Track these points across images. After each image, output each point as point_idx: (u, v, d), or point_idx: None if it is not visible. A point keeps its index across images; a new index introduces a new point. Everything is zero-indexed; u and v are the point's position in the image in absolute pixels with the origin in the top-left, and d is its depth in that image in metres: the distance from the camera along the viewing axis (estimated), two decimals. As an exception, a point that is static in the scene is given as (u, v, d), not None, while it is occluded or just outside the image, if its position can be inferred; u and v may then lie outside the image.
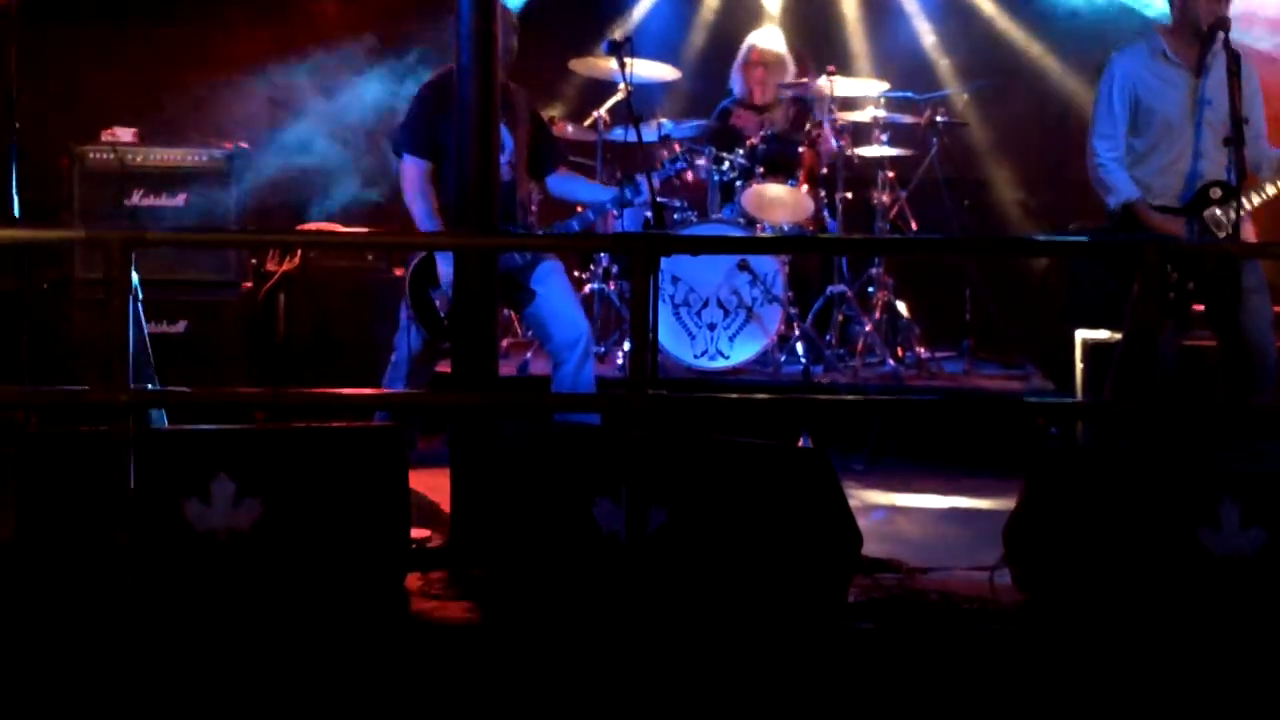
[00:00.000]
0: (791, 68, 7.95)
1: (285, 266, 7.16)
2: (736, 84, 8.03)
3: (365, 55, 8.00)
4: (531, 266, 5.79)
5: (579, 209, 6.41)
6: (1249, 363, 5.40)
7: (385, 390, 5.80)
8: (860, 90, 7.74)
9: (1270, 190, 5.50)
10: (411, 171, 5.74)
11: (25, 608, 3.84)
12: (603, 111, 7.64)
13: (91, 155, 6.92)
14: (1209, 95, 5.49)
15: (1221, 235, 5.41)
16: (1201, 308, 5.57)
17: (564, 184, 6.22)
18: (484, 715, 3.78)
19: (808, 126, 7.69)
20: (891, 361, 7.33)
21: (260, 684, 3.77)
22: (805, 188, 7.39)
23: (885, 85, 7.74)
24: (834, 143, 7.47)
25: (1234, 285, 5.34)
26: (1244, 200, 5.36)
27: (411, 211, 5.74)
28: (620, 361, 7.11)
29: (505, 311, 7.40)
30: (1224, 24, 5.36)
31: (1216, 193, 5.45)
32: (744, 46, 8.03)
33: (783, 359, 7.20)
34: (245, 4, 8.14)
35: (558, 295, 5.82)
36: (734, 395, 6.09)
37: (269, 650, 3.84)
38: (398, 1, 7.95)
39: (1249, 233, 5.49)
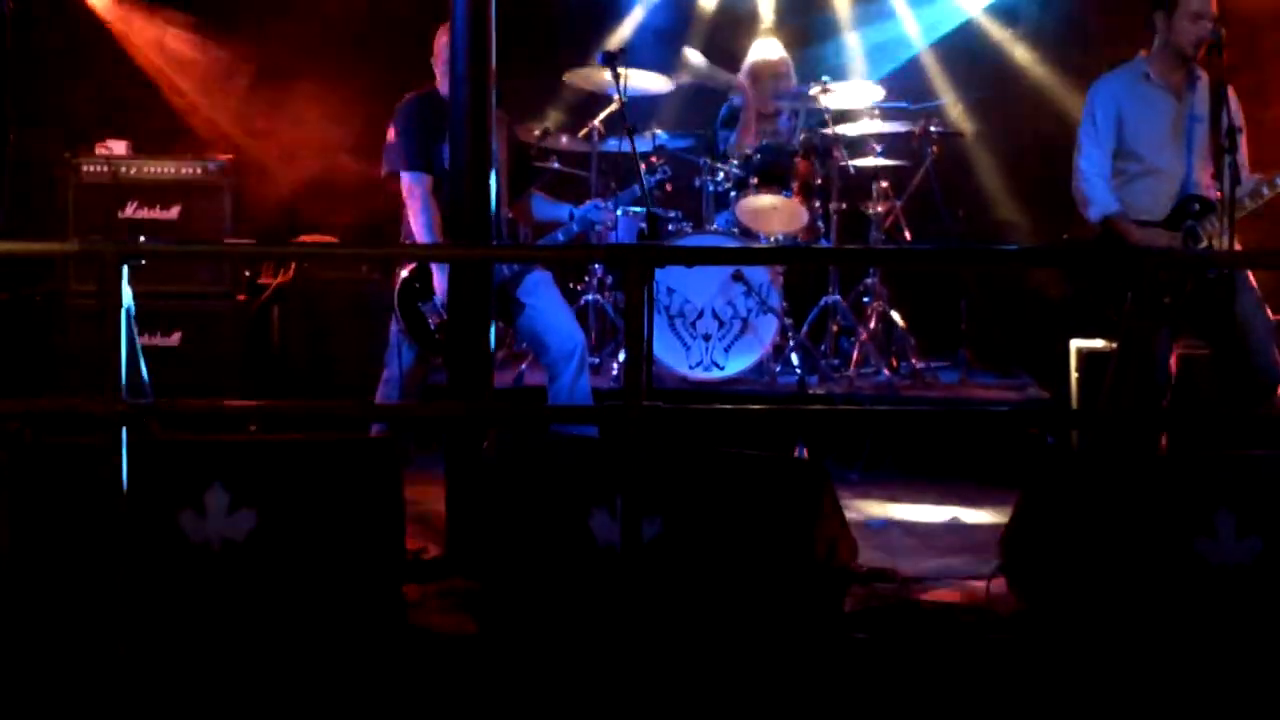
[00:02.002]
0: (793, 75, 7.97)
1: (280, 279, 7.16)
2: (738, 97, 8.04)
3: (362, 67, 8.02)
4: (519, 278, 5.77)
5: (564, 224, 6.42)
6: (1257, 384, 5.41)
7: (380, 402, 5.78)
8: (854, 101, 7.75)
9: (1249, 204, 5.46)
10: (415, 188, 5.70)
11: (20, 617, 3.83)
12: (597, 123, 7.65)
13: (85, 167, 6.92)
14: (1196, 112, 5.52)
15: (1200, 248, 5.43)
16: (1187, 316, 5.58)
17: (529, 204, 6.20)
18: (480, 727, 3.78)
19: (802, 136, 7.70)
20: (887, 372, 7.33)
21: (255, 694, 3.76)
22: (800, 198, 7.39)
23: (880, 95, 7.75)
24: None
25: (1226, 294, 5.34)
26: (1222, 213, 5.36)
27: (414, 226, 5.70)
28: (615, 373, 7.11)
29: (499, 324, 7.39)
30: (1204, 41, 5.39)
31: (1195, 206, 5.47)
32: (746, 62, 8.05)
33: (778, 369, 7.20)
34: (244, 14, 8.15)
35: (550, 306, 5.81)
36: (729, 406, 6.12)
37: (264, 661, 3.83)
38: (395, 14, 7.95)
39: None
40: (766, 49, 8.07)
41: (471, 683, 3.90)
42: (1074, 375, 6.57)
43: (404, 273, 5.75)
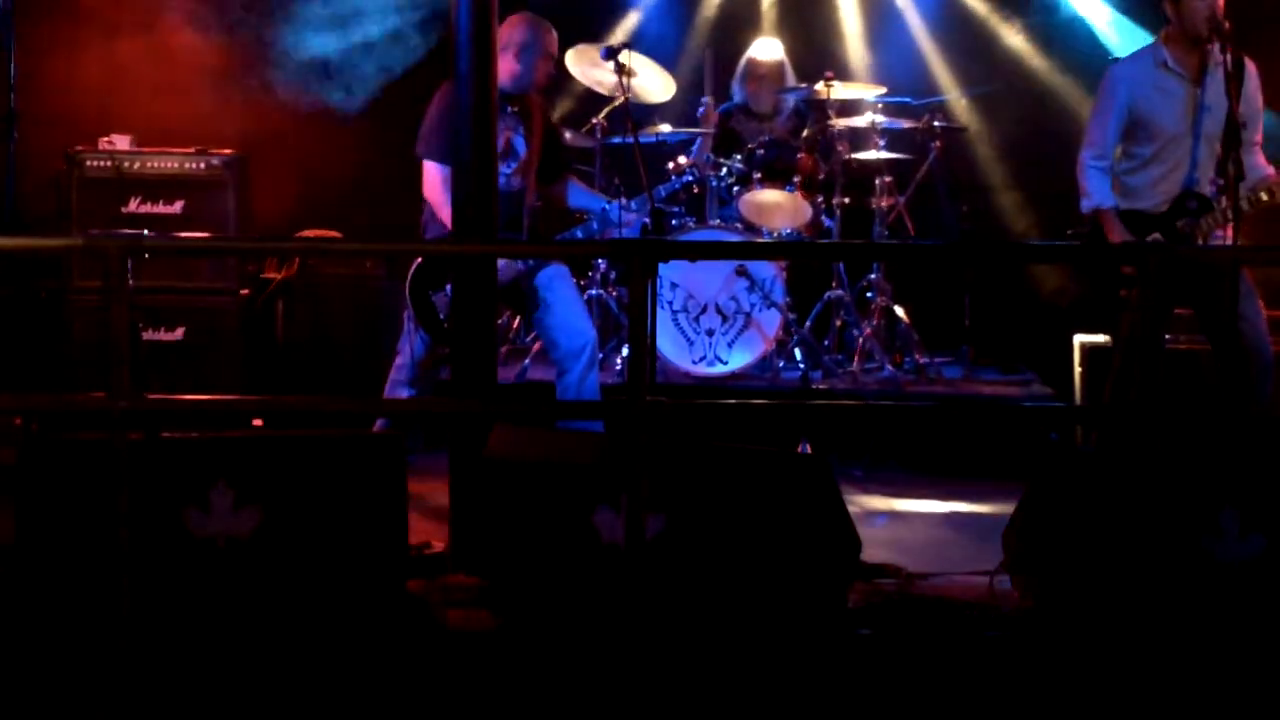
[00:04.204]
0: (791, 76, 7.96)
1: (284, 274, 7.16)
2: (738, 94, 8.04)
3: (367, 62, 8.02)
4: (535, 271, 5.78)
5: (582, 217, 6.42)
6: (1246, 369, 5.38)
7: (387, 396, 5.80)
8: (858, 95, 7.75)
9: (1245, 206, 5.40)
10: (434, 177, 5.72)
11: (25, 614, 3.84)
12: (601, 118, 7.64)
13: (89, 162, 6.92)
14: (1209, 102, 5.44)
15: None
16: (1189, 312, 5.57)
17: (564, 190, 6.23)
18: (483, 722, 3.78)
19: (806, 132, 7.70)
20: (890, 367, 7.32)
21: (260, 690, 3.76)
22: (803, 193, 7.39)
23: (883, 90, 7.75)
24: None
25: (1229, 289, 5.32)
26: (1223, 210, 5.33)
27: (439, 215, 5.72)
28: (619, 368, 7.11)
29: (503, 318, 7.40)
30: (1220, 26, 5.34)
31: (1192, 204, 5.43)
32: (743, 60, 8.03)
33: (781, 365, 7.20)
34: (244, 10, 8.14)
35: (564, 302, 5.81)
36: (732, 401, 6.12)
37: (269, 657, 3.84)
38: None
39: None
40: (763, 49, 8.05)
41: (474, 678, 3.90)
42: (1078, 370, 6.57)
43: (417, 261, 5.76)
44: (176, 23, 8.04)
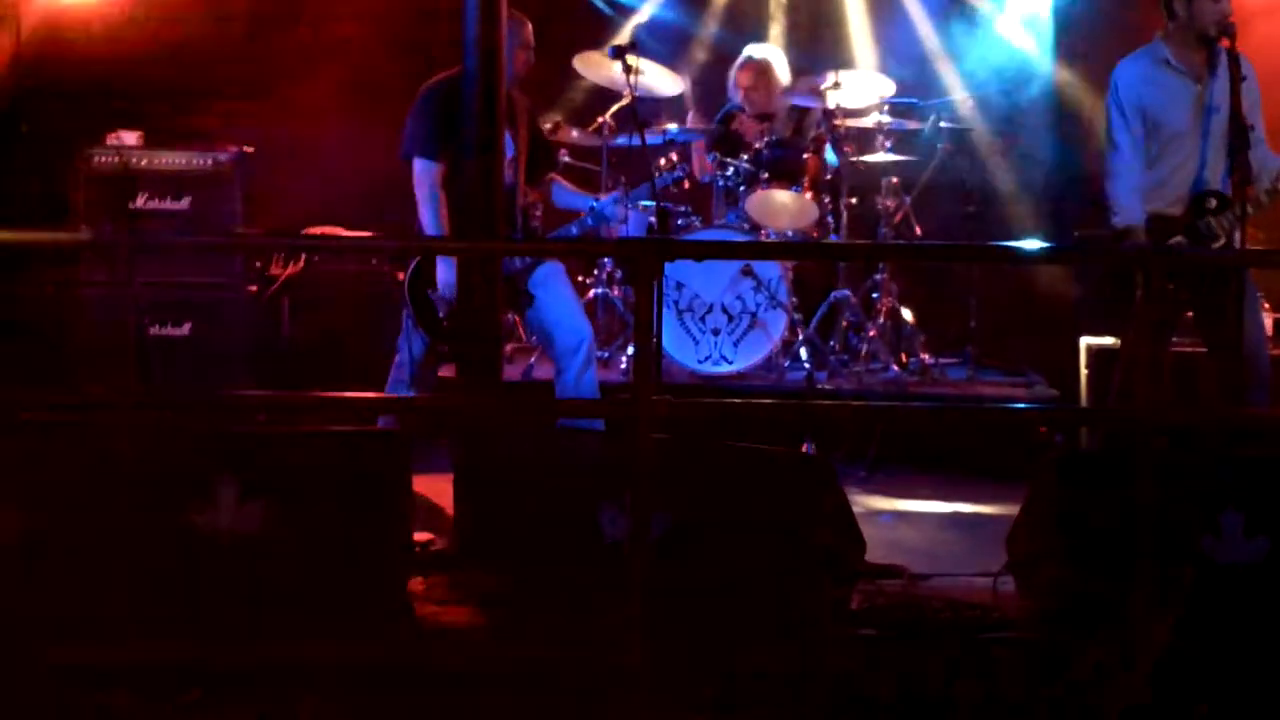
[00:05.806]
0: (785, 76, 7.92)
1: (290, 270, 7.17)
2: (734, 94, 8.04)
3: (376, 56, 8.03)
4: (530, 269, 5.78)
5: (581, 214, 6.42)
6: (1243, 373, 5.37)
7: (389, 395, 5.80)
8: (864, 97, 7.74)
9: (1265, 200, 5.40)
10: (423, 175, 5.70)
11: (28, 608, 3.85)
12: (607, 117, 7.64)
13: (97, 158, 6.93)
14: (1215, 102, 5.41)
15: (1216, 245, 5.38)
16: (1190, 314, 5.56)
17: (549, 191, 6.22)
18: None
19: (811, 133, 7.70)
20: (895, 368, 7.32)
21: (263, 685, 3.77)
22: (809, 194, 7.39)
23: (890, 91, 7.74)
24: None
25: (1235, 293, 5.31)
26: (1239, 209, 5.32)
27: (420, 214, 5.72)
28: (624, 366, 7.11)
29: (510, 316, 7.40)
30: (1228, 27, 5.32)
31: (1212, 203, 5.38)
32: (739, 58, 8.03)
33: (786, 365, 7.20)
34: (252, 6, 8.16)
35: (559, 299, 5.81)
36: (737, 401, 6.12)
37: (271, 650, 3.85)
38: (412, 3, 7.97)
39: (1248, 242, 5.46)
40: (753, 52, 8.04)
41: (476, 676, 3.90)
42: (1083, 372, 6.57)
43: (415, 260, 5.76)
44: (184, 19, 8.06)
